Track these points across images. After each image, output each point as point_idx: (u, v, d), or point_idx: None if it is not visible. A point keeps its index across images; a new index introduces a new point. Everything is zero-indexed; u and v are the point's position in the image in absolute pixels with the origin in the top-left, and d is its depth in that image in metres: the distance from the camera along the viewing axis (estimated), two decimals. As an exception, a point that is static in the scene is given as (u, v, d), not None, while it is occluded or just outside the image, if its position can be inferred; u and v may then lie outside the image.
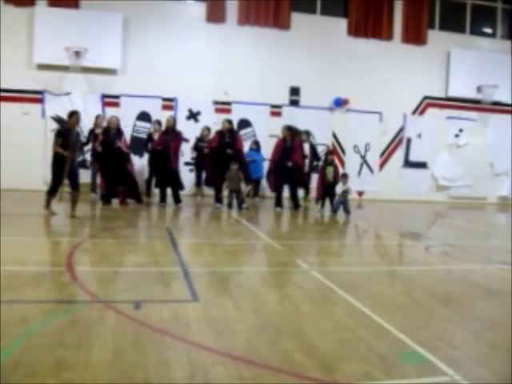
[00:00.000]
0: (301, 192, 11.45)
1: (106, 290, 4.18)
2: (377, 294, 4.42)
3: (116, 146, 9.81)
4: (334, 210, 10.13)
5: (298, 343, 3.11)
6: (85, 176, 11.98)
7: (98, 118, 10.95)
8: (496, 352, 3.16)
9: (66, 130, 8.31)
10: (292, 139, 10.63)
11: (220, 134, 10.47)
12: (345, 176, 10.47)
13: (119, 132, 10.14)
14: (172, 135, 10.46)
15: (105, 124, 10.57)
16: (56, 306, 3.69)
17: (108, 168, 9.90)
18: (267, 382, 2.60)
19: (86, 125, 12.26)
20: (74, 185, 8.22)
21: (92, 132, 10.73)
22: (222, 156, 10.20)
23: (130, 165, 10.22)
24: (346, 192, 10.14)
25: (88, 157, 12.12)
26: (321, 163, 11.56)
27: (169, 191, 10.57)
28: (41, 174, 12.44)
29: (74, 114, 8.34)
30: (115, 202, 10.10)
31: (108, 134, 9.93)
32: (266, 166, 12.54)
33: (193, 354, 2.89)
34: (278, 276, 5.19)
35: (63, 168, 8.02)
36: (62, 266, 4.81)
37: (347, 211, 10.03)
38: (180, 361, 2.78)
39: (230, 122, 10.69)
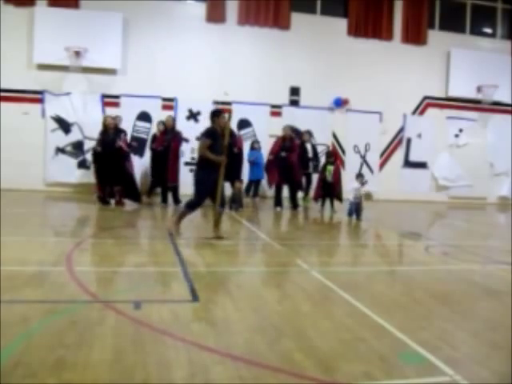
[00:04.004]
0: (300, 192, 11.49)
1: (106, 290, 4.18)
2: (377, 294, 4.41)
3: (117, 146, 9.80)
4: (350, 214, 9.55)
5: (298, 343, 3.11)
6: (85, 176, 12.09)
7: (115, 118, 10.95)
8: (496, 352, 3.16)
9: (215, 132, 6.78)
10: (291, 139, 10.81)
11: (231, 134, 10.44)
12: (360, 176, 9.96)
13: (118, 131, 10.14)
14: (171, 135, 10.47)
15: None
16: (56, 305, 3.69)
17: (106, 167, 9.85)
18: (267, 382, 2.60)
19: (86, 125, 12.32)
20: (221, 200, 6.69)
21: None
22: (237, 155, 10.27)
23: (129, 164, 10.21)
24: (363, 196, 9.61)
25: (87, 157, 12.14)
26: (321, 163, 11.59)
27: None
28: (41, 173, 12.47)
29: (220, 113, 6.87)
30: (112, 202, 10.09)
31: (106, 134, 9.93)
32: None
33: (193, 354, 2.88)
34: (278, 276, 5.19)
35: (212, 178, 6.57)
36: (61, 266, 4.80)
37: (358, 215, 9.52)
38: (180, 361, 2.78)
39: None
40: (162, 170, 10.39)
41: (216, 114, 6.86)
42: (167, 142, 10.38)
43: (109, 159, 9.80)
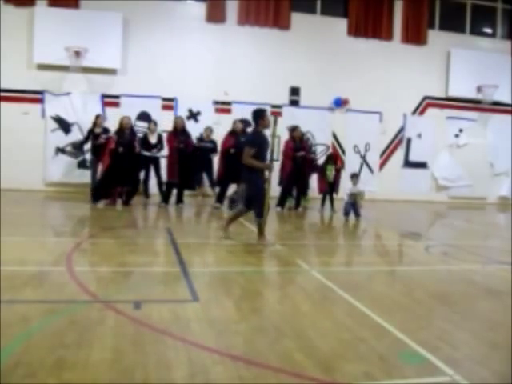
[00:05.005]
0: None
1: (106, 290, 4.17)
2: (377, 294, 4.42)
3: (137, 150, 9.80)
4: (346, 214, 9.50)
5: (298, 343, 3.11)
6: (84, 176, 12.08)
7: (98, 117, 10.86)
8: (496, 352, 3.16)
9: (260, 136, 6.23)
10: (301, 140, 10.88)
11: (234, 134, 10.40)
12: (355, 176, 9.92)
13: (132, 132, 10.11)
14: (186, 136, 10.45)
15: (104, 124, 10.59)
16: (56, 305, 3.69)
17: (122, 168, 9.59)
18: (267, 382, 2.60)
19: (86, 125, 12.31)
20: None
21: (91, 132, 10.64)
22: (235, 156, 10.22)
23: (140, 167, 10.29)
24: (358, 195, 9.53)
25: (87, 157, 12.13)
26: (320, 162, 11.59)
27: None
28: (41, 173, 12.47)
29: (263, 113, 6.22)
30: (107, 202, 10.06)
31: (122, 135, 9.81)
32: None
33: (193, 354, 2.89)
34: (279, 276, 5.19)
35: (262, 180, 6.26)
36: (61, 266, 4.81)
37: (357, 214, 9.51)
38: (180, 361, 2.78)
39: (243, 122, 10.76)
40: (184, 170, 10.31)
41: (259, 115, 6.16)
42: (184, 141, 10.31)
43: (125, 160, 9.62)
